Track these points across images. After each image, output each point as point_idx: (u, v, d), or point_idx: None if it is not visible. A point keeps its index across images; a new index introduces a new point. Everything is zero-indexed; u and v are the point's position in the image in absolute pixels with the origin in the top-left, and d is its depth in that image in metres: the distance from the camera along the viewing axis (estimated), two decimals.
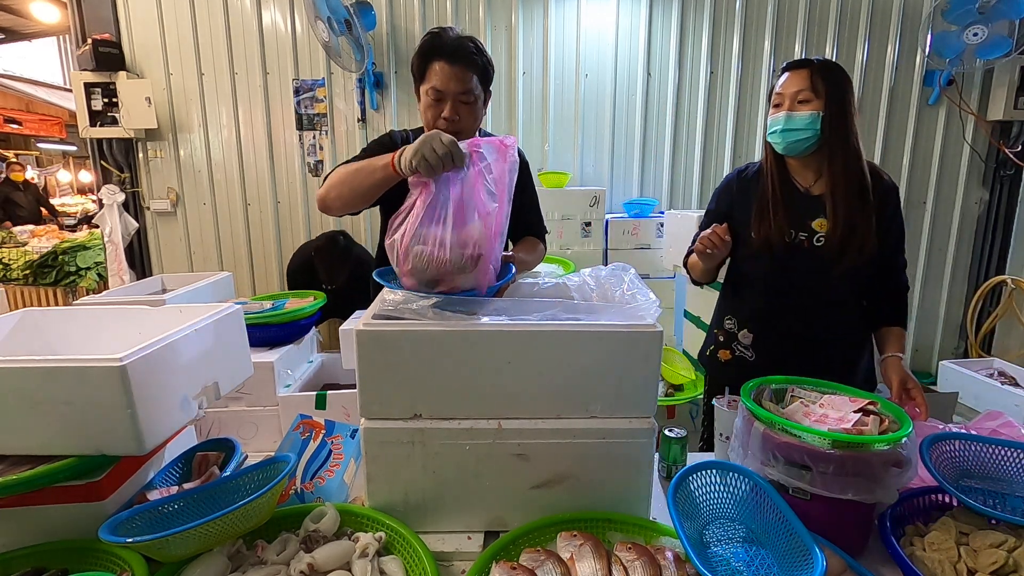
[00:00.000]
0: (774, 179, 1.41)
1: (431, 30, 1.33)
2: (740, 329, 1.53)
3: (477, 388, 0.94)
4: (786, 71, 1.36)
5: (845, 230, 1.34)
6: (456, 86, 1.31)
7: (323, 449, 1.14)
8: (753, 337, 1.50)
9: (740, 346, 1.53)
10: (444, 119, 1.33)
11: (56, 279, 3.86)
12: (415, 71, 1.36)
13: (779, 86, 1.36)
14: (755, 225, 1.42)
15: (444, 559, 0.93)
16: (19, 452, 0.87)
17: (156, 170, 3.58)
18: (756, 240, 1.42)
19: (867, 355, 1.52)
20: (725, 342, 1.57)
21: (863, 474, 0.85)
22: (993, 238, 3.60)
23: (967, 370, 2.90)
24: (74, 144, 9.97)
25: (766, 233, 1.39)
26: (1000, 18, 3.05)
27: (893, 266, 1.45)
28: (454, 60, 1.30)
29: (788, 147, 1.35)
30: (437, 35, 1.31)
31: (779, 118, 1.34)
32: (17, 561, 0.86)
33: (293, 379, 1.60)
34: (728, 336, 1.56)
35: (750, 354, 1.51)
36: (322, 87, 3.45)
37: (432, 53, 1.30)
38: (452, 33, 1.32)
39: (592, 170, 3.60)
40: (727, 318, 1.57)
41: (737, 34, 3.40)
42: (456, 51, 1.30)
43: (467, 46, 1.32)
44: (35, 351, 1.13)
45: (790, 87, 1.33)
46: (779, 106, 1.35)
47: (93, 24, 3.37)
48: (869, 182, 1.36)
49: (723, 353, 1.57)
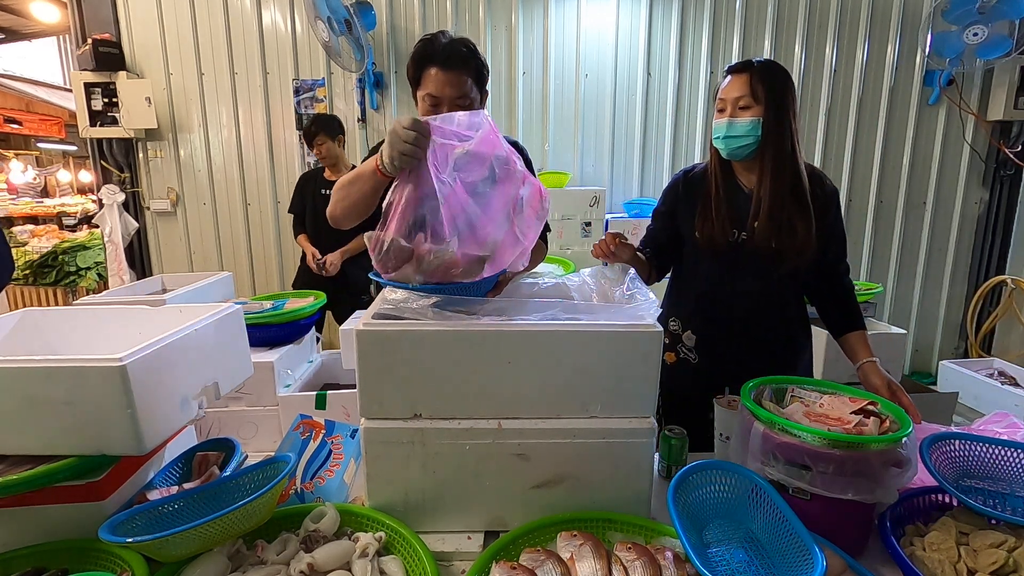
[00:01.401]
0: (718, 180, 1.41)
1: (423, 37, 1.32)
2: (684, 331, 1.51)
3: (477, 388, 0.94)
4: (729, 74, 1.35)
5: (773, 227, 1.33)
6: (451, 91, 1.29)
7: (323, 449, 1.14)
8: (696, 339, 1.48)
9: (684, 348, 1.51)
10: None
11: (56, 279, 3.87)
12: (411, 78, 1.35)
13: (722, 90, 1.35)
14: (698, 224, 1.42)
15: (444, 559, 0.93)
16: (19, 452, 0.87)
17: (156, 170, 3.58)
18: (699, 239, 1.41)
19: (808, 356, 1.53)
20: (670, 344, 1.53)
21: (863, 474, 0.85)
22: (993, 238, 3.61)
23: (967, 370, 2.89)
24: (74, 144, 9.96)
25: (709, 232, 1.39)
26: (1000, 18, 3.05)
27: (836, 271, 1.45)
28: (447, 65, 1.29)
29: (731, 152, 1.35)
30: (429, 41, 1.30)
31: (722, 124, 1.34)
32: (17, 561, 0.86)
33: (293, 379, 1.60)
34: (673, 338, 1.53)
35: (693, 356, 1.49)
36: (322, 87, 3.45)
37: (425, 60, 1.29)
38: (444, 38, 1.31)
39: (592, 170, 3.60)
40: (671, 320, 1.54)
41: (737, 34, 3.40)
42: (449, 56, 1.29)
43: (460, 51, 1.30)
44: (35, 351, 1.13)
45: (732, 92, 1.32)
46: (722, 111, 1.35)
47: (93, 24, 3.37)
48: (806, 185, 1.35)
49: (668, 355, 1.53)
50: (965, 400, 2.77)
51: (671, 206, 1.51)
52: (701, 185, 1.45)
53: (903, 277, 3.71)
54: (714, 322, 1.46)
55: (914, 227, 3.64)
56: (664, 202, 1.54)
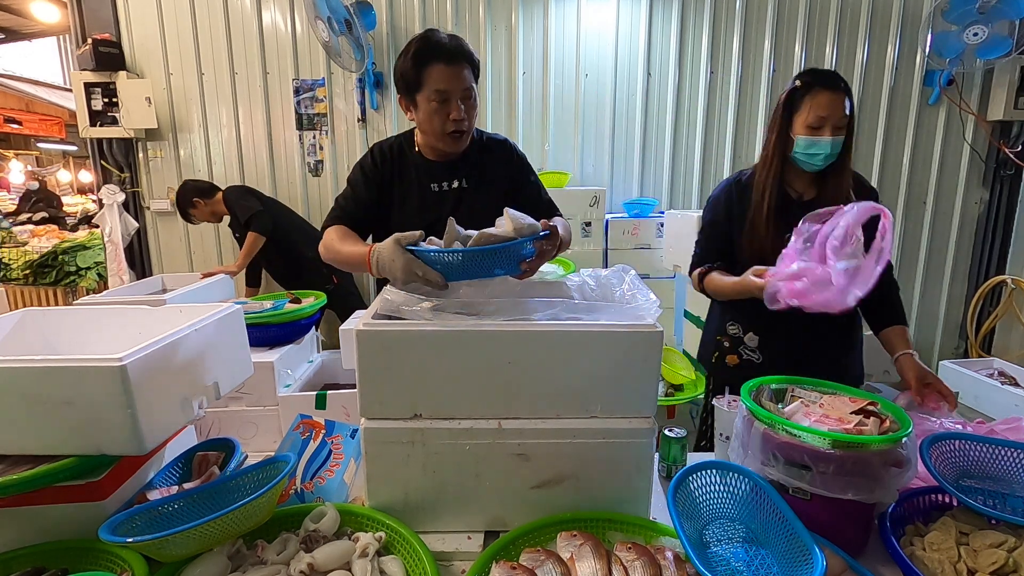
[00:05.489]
0: (773, 189, 1.45)
1: (418, 36, 1.30)
2: (745, 333, 1.56)
3: (477, 388, 0.94)
4: (825, 89, 1.36)
5: None
6: (458, 85, 1.30)
7: (323, 449, 1.14)
8: (759, 340, 1.54)
9: (747, 349, 1.57)
10: (453, 120, 1.32)
11: (56, 279, 3.87)
12: (409, 79, 1.31)
13: (820, 107, 1.36)
14: (749, 233, 1.46)
15: (444, 559, 0.93)
16: (19, 452, 0.87)
17: (156, 170, 3.58)
18: (749, 248, 1.46)
19: (858, 354, 1.59)
20: (731, 347, 1.60)
21: (863, 474, 0.85)
22: (993, 238, 3.60)
23: (967, 370, 2.89)
24: (74, 144, 9.97)
25: (760, 242, 1.44)
26: (1000, 18, 3.05)
27: None
28: (452, 60, 1.29)
29: (816, 166, 1.41)
30: (428, 39, 1.29)
31: (825, 142, 1.37)
32: (17, 561, 0.86)
33: (293, 379, 1.60)
34: (733, 341, 1.59)
35: (757, 356, 1.55)
36: (322, 87, 3.44)
37: (429, 57, 1.28)
38: (443, 34, 1.31)
39: (592, 170, 3.60)
40: (730, 324, 1.60)
41: (737, 34, 3.40)
42: (455, 51, 1.29)
43: (463, 45, 1.32)
44: (35, 351, 1.13)
45: (835, 110, 1.35)
46: (819, 128, 1.37)
47: (93, 24, 3.36)
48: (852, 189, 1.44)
49: (731, 358, 1.60)
50: (965, 400, 2.77)
51: (725, 217, 1.54)
52: (749, 193, 1.50)
53: (903, 277, 3.70)
54: (774, 324, 1.48)
55: (914, 227, 3.63)
56: (716, 213, 1.57)
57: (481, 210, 1.42)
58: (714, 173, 3.59)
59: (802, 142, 1.40)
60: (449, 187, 1.45)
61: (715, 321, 1.67)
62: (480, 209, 1.47)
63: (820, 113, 1.36)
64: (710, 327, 1.71)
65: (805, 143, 1.39)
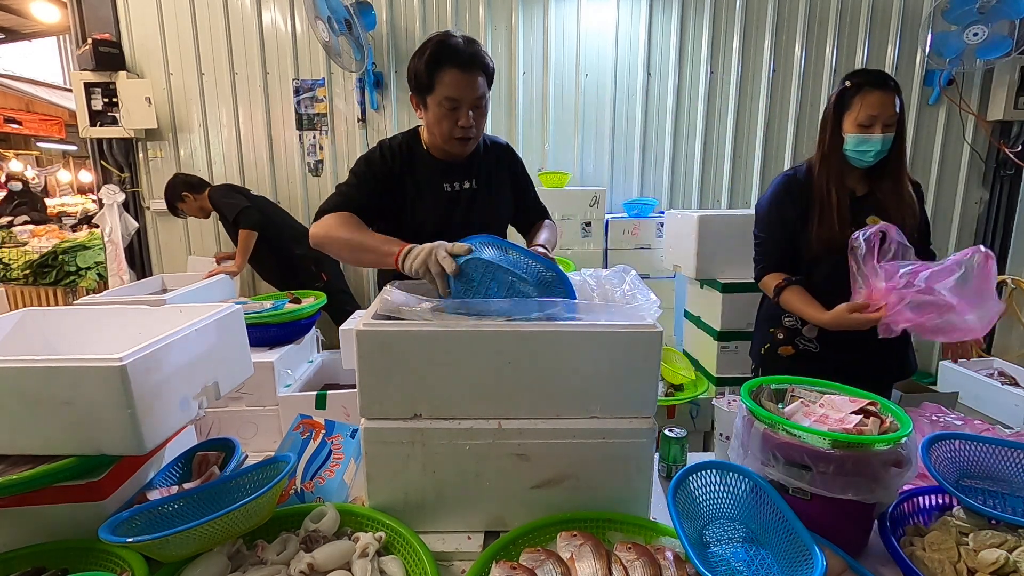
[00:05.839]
0: (837, 186, 1.52)
1: (436, 38, 1.28)
2: (804, 324, 1.60)
3: (477, 388, 0.94)
4: (875, 88, 1.44)
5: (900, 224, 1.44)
6: (471, 93, 1.28)
7: (323, 449, 1.14)
8: (819, 329, 1.57)
9: (803, 340, 1.61)
10: (461, 127, 1.31)
11: (56, 279, 3.86)
12: (422, 80, 1.29)
13: (870, 105, 1.44)
14: (817, 228, 1.52)
15: (444, 559, 0.93)
16: (19, 452, 0.87)
17: (156, 170, 3.58)
18: (815, 243, 1.52)
19: (912, 346, 1.67)
20: (786, 338, 1.64)
21: (863, 474, 0.85)
22: (993, 238, 3.60)
23: (967, 370, 2.89)
24: (74, 144, 9.97)
25: (828, 236, 1.50)
26: (1000, 18, 3.05)
27: (929, 253, 1.60)
28: (467, 67, 1.26)
29: (867, 162, 1.49)
30: (444, 42, 1.26)
31: (875, 140, 1.45)
32: (17, 561, 0.86)
33: (293, 379, 1.60)
34: (790, 332, 1.63)
35: (815, 346, 1.59)
36: (322, 87, 3.45)
37: (444, 61, 1.26)
38: (459, 39, 1.28)
39: (592, 170, 3.60)
40: (786, 316, 1.63)
41: (737, 34, 3.40)
42: (471, 58, 1.27)
43: (480, 53, 1.29)
44: (35, 351, 1.13)
45: (885, 109, 1.43)
46: (869, 127, 1.45)
47: (93, 24, 3.37)
48: None
49: (784, 349, 1.64)
50: (965, 400, 2.77)
51: (786, 211, 1.59)
52: (808, 190, 1.56)
53: None
54: None
55: None
56: (783, 209, 1.60)
57: (491, 211, 1.42)
58: (714, 173, 3.59)
59: (852, 140, 1.47)
60: (461, 187, 1.44)
61: (769, 314, 1.71)
62: (490, 210, 1.47)
63: (871, 112, 1.44)
64: (761, 320, 1.77)
65: (855, 140, 1.47)
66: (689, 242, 2.61)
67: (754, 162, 3.55)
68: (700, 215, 2.56)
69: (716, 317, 2.53)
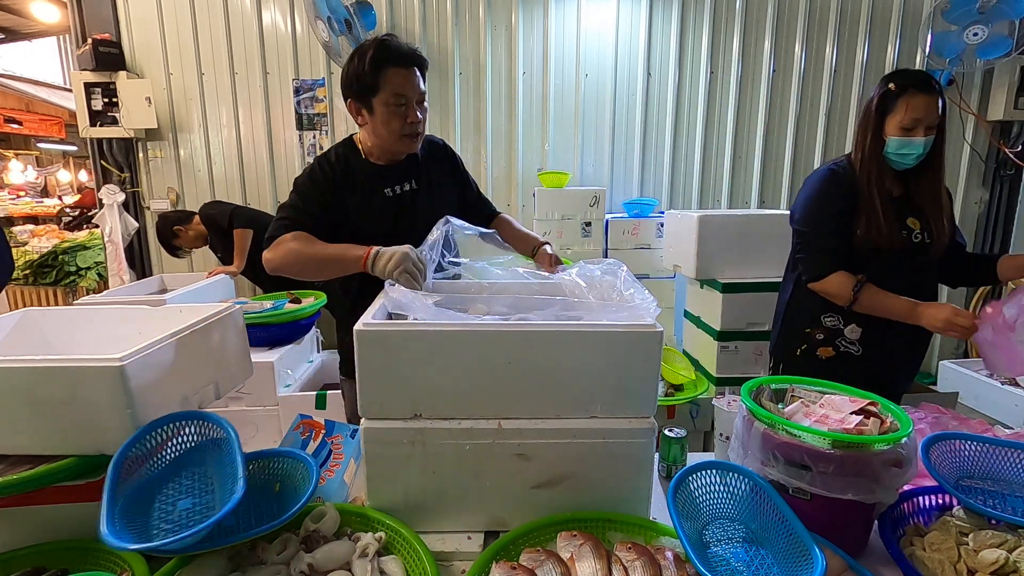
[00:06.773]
0: (876, 188, 1.50)
1: (373, 41, 1.31)
2: (847, 325, 1.56)
3: (477, 388, 0.94)
4: (920, 91, 1.42)
5: (940, 227, 1.50)
6: (416, 89, 1.34)
7: (323, 449, 1.14)
8: (862, 332, 1.54)
9: (845, 342, 1.57)
10: (411, 124, 1.35)
11: (56, 279, 3.87)
12: (366, 82, 1.31)
13: (915, 109, 1.42)
14: (863, 228, 1.49)
15: (444, 559, 0.93)
16: (19, 452, 0.87)
17: (156, 170, 3.58)
18: (862, 240, 1.49)
19: None
20: (826, 340, 1.59)
21: (863, 474, 0.85)
22: (993, 238, 3.60)
23: (967, 370, 2.89)
24: (74, 144, 9.96)
25: (876, 235, 1.47)
26: (1000, 18, 3.05)
27: (957, 242, 1.62)
28: (410, 64, 1.32)
29: (908, 164, 1.47)
30: (385, 43, 1.31)
31: (917, 143, 1.43)
32: (17, 561, 0.86)
33: (293, 379, 1.60)
34: (830, 333, 1.59)
35: (856, 348, 1.56)
36: (322, 87, 3.44)
37: (388, 60, 1.30)
38: (398, 40, 1.34)
39: (592, 170, 3.60)
40: (827, 316, 1.59)
41: (737, 34, 3.40)
42: (412, 56, 1.33)
43: (417, 51, 1.36)
44: (35, 351, 1.13)
45: (929, 113, 1.41)
46: (912, 130, 1.43)
47: (93, 24, 3.36)
48: None
49: (824, 351, 1.60)
50: (965, 400, 2.77)
51: (839, 204, 1.54)
52: (853, 186, 1.53)
53: None
54: None
55: None
56: (828, 202, 1.55)
57: (433, 210, 1.42)
58: (714, 173, 3.59)
59: (894, 143, 1.45)
60: (402, 190, 1.45)
61: (804, 314, 1.64)
62: (434, 209, 1.46)
63: (916, 115, 1.41)
64: (794, 320, 1.67)
65: (897, 143, 1.44)
66: (689, 242, 2.61)
67: (754, 162, 3.55)
68: (700, 215, 2.56)
69: (716, 317, 2.53)
